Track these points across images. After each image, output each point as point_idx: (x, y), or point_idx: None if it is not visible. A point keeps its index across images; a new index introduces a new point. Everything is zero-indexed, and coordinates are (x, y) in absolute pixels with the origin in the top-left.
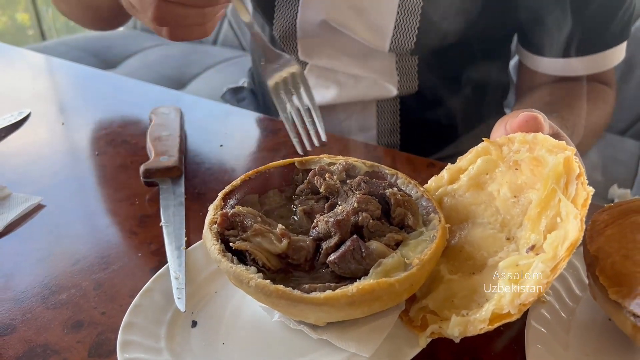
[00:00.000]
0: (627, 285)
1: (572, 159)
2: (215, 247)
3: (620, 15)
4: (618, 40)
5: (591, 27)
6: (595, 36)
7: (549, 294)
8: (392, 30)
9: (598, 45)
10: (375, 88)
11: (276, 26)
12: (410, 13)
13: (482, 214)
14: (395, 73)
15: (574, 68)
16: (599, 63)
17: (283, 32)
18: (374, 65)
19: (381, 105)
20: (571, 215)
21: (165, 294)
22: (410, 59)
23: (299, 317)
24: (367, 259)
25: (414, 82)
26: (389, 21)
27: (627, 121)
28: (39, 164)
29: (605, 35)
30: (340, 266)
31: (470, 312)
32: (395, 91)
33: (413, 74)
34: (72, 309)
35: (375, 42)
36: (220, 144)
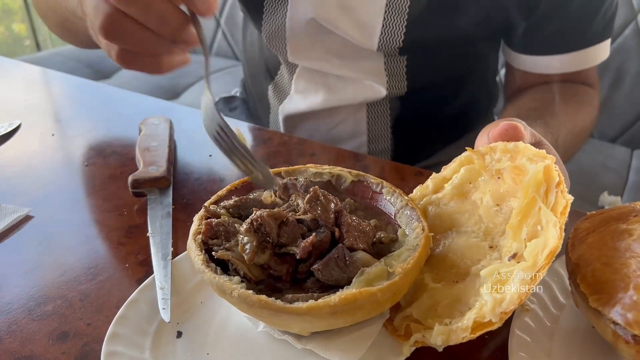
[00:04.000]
0: (607, 293)
1: (552, 168)
2: (199, 257)
3: (602, 13)
4: (600, 38)
5: (573, 24)
6: (578, 33)
7: (533, 302)
8: (380, 28)
9: (580, 42)
10: (365, 90)
11: (265, 27)
12: (398, 11)
13: (465, 223)
14: (384, 73)
15: (557, 65)
16: (582, 61)
17: (272, 33)
18: (363, 65)
19: (371, 109)
20: (550, 223)
21: (151, 304)
22: (399, 59)
23: (283, 327)
24: (351, 267)
25: (402, 83)
26: (376, 19)
27: (617, 129)
28: (29, 175)
29: (587, 33)
30: (323, 273)
31: (453, 320)
32: (384, 92)
33: (402, 75)
34: (58, 320)
35: (364, 41)
36: (209, 154)
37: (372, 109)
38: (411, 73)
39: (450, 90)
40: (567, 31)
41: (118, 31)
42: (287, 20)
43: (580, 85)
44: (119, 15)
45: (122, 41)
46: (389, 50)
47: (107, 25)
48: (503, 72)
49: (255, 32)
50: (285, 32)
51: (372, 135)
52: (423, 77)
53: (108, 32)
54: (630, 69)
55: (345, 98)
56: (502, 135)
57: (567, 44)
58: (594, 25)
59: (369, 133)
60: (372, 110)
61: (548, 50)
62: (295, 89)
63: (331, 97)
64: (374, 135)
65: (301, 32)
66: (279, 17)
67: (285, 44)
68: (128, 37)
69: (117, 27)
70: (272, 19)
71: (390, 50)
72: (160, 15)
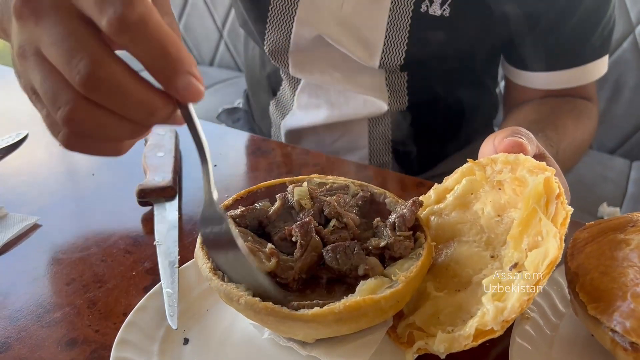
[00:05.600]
0: (605, 301)
1: (552, 180)
2: (206, 265)
3: (600, 29)
4: (598, 54)
5: (572, 41)
6: (576, 50)
7: (533, 310)
8: (382, 46)
9: (579, 58)
10: (366, 105)
11: (267, 40)
12: (399, 30)
13: (467, 233)
14: (385, 89)
15: (556, 81)
16: (580, 76)
17: (274, 46)
18: (365, 81)
19: (372, 124)
20: (551, 234)
21: (159, 311)
22: (400, 75)
23: (288, 333)
24: (357, 256)
25: (403, 98)
26: (378, 38)
27: (615, 140)
28: (36, 185)
29: (585, 50)
30: (331, 255)
31: (455, 328)
32: (385, 107)
33: (403, 90)
34: (66, 327)
35: (366, 58)
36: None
37: (373, 123)
38: (412, 88)
39: (450, 104)
40: (565, 48)
41: (84, 124)
42: (292, 36)
43: (579, 99)
44: (86, 105)
45: (84, 130)
46: (391, 67)
47: (72, 118)
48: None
49: (257, 48)
50: (289, 46)
51: (373, 149)
52: (424, 92)
53: (74, 125)
54: (629, 81)
55: (347, 113)
56: (507, 150)
57: (565, 61)
58: (592, 42)
59: (370, 147)
60: (374, 125)
61: (547, 66)
62: (298, 105)
63: (333, 113)
64: (375, 149)
65: (305, 47)
66: (283, 32)
67: (287, 57)
68: (93, 126)
69: (84, 120)
70: (275, 33)
71: (392, 67)
72: (137, 102)
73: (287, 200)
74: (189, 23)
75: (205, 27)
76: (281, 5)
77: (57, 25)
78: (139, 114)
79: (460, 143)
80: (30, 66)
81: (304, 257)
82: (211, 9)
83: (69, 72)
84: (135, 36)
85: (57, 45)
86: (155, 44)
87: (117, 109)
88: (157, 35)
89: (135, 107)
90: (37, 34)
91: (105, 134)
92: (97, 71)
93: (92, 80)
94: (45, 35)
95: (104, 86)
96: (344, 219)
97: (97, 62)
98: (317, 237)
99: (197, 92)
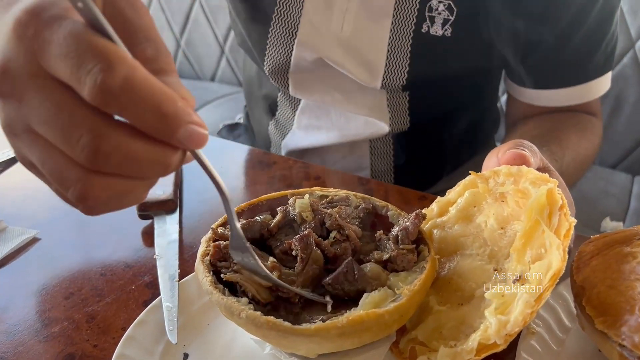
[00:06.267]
0: (613, 314)
1: (555, 191)
2: (207, 279)
3: (604, 47)
4: (602, 71)
5: (575, 59)
6: (580, 68)
7: (538, 325)
8: (384, 67)
9: (582, 76)
10: (368, 126)
11: (267, 61)
12: (400, 50)
13: (470, 246)
14: (386, 110)
15: (559, 99)
16: (584, 94)
17: (274, 67)
18: (366, 101)
19: (374, 145)
20: (554, 246)
21: (158, 325)
22: (401, 95)
23: (290, 348)
24: (360, 280)
25: (405, 119)
26: (380, 59)
27: (617, 155)
28: (36, 198)
29: (589, 67)
30: (334, 287)
31: (458, 342)
32: (387, 128)
33: (404, 110)
34: (64, 342)
35: (368, 80)
36: None
37: (375, 144)
38: (413, 108)
39: (452, 121)
40: (569, 66)
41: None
42: (292, 58)
43: (583, 114)
44: (98, 179)
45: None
46: (392, 88)
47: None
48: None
49: (254, 67)
50: (289, 67)
51: (375, 169)
52: (425, 112)
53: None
54: (629, 96)
55: (348, 134)
56: (510, 163)
57: (569, 78)
58: (596, 59)
59: (372, 168)
60: (375, 145)
61: (550, 84)
62: (298, 125)
63: (334, 134)
64: (377, 170)
65: (305, 68)
66: (283, 54)
67: (287, 77)
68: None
69: (97, 191)
70: (276, 54)
71: (394, 88)
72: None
73: (289, 213)
74: (191, 39)
75: (207, 43)
76: (281, 28)
77: (44, 102)
78: (152, 172)
79: (461, 159)
80: (25, 144)
81: (305, 270)
82: (213, 25)
83: (71, 150)
84: (123, 103)
85: (49, 124)
86: (147, 106)
87: (130, 174)
88: (146, 96)
89: (148, 167)
90: (24, 112)
91: (123, 198)
92: (101, 145)
93: (98, 155)
94: (33, 114)
95: (112, 158)
96: (346, 231)
97: (99, 136)
98: (317, 250)
99: (201, 139)
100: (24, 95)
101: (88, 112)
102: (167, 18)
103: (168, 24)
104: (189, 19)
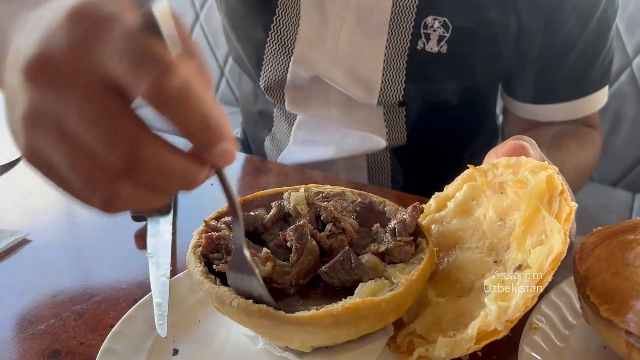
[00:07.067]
0: (618, 301)
1: (555, 177)
2: (198, 269)
3: (600, 61)
4: (599, 85)
5: (572, 74)
6: (576, 82)
7: (541, 321)
8: (380, 84)
9: (580, 91)
10: (365, 141)
11: (263, 77)
12: (396, 67)
13: (469, 239)
14: (384, 125)
15: (557, 113)
16: (581, 108)
17: (270, 84)
18: (363, 117)
19: (371, 160)
20: (555, 230)
21: (147, 321)
22: (398, 110)
23: (283, 340)
24: (356, 269)
25: (402, 133)
26: (376, 76)
27: (617, 173)
28: (28, 200)
29: (586, 81)
30: (330, 275)
31: (457, 333)
32: (384, 143)
33: (401, 125)
34: (50, 339)
35: (364, 97)
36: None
37: (372, 159)
38: (410, 123)
39: (449, 135)
40: (566, 81)
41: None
42: (288, 74)
43: (583, 126)
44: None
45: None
46: (389, 104)
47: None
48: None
49: (250, 83)
50: (285, 83)
51: (372, 184)
52: (422, 126)
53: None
54: (628, 113)
55: (345, 150)
56: (509, 154)
57: (566, 94)
58: (593, 73)
59: (370, 183)
60: (372, 160)
61: (547, 99)
62: (294, 140)
63: (331, 149)
64: (375, 184)
65: (301, 84)
66: (279, 70)
67: (283, 93)
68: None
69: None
70: (272, 71)
71: (390, 104)
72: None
73: (283, 207)
74: None
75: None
76: (277, 45)
77: (88, 103)
78: (180, 186)
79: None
80: (50, 141)
81: (300, 261)
82: (213, 47)
83: (109, 156)
84: (176, 108)
85: (89, 127)
86: (197, 117)
87: (159, 186)
88: (198, 107)
89: (177, 182)
90: (60, 107)
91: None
92: (140, 155)
93: (136, 164)
94: (72, 112)
95: (148, 168)
96: (342, 224)
97: (139, 146)
98: (313, 242)
99: (232, 158)
100: (66, 90)
101: (132, 120)
102: None
103: None
104: None
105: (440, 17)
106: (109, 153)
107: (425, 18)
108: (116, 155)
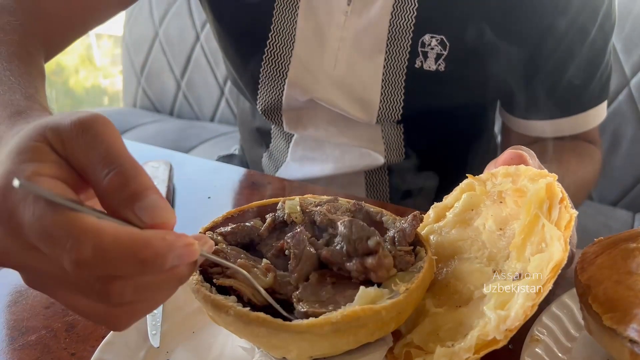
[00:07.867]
0: (621, 309)
1: (555, 184)
2: (193, 277)
3: (599, 76)
4: (597, 100)
5: (570, 90)
6: (576, 98)
7: (543, 333)
8: (378, 103)
9: (579, 106)
10: (363, 158)
11: (260, 101)
12: (394, 86)
13: (468, 249)
14: (381, 142)
15: (556, 129)
16: (580, 123)
17: (267, 106)
18: (361, 134)
19: (369, 176)
20: (555, 237)
21: (140, 332)
22: (396, 127)
23: (281, 349)
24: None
25: (400, 150)
26: (374, 95)
27: (617, 192)
28: None
29: (584, 97)
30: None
31: (455, 343)
32: (382, 160)
33: (399, 142)
34: (41, 350)
35: (362, 116)
36: (208, 196)
37: (370, 176)
38: (408, 140)
39: (447, 151)
40: (564, 97)
41: (129, 320)
42: (283, 98)
43: (582, 141)
44: (119, 310)
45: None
46: (387, 122)
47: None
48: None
49: (247, 102)
50: (282, 106)
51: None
52: (420, 143)
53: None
54: (627, 132)
55: (343, 166)
56: (507, 163)
57: (565, 109)
58: (591, 88)
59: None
60: (370, 177)
61: (546, 115)
62: (292, 157)
63: (329, 166)
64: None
65: (298, 106)
66: (275, 94)
67: (280, 115)
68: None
69: (125, 319)
70: (267, 94)
71: (388, 122)
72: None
73: (278, 216)
74: (192, 80)
75: (207, 84)
76: (272, 69)
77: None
78: (168, 288)
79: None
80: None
81: (299, 267)
82: (213, 67)
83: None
84: (102, 267)
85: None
86: (124, 260)
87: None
88: (119, 253)
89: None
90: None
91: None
92: (110, 289)
93: (113, 297)
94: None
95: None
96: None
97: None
98: (311, 249)
99: (192, 254)
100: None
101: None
102: (169, 60)
103: (169, 65)
104: (190, 60)
105: (438, 35)
106: (89, 296)
107: (422, 36)
108: (95, 296)
